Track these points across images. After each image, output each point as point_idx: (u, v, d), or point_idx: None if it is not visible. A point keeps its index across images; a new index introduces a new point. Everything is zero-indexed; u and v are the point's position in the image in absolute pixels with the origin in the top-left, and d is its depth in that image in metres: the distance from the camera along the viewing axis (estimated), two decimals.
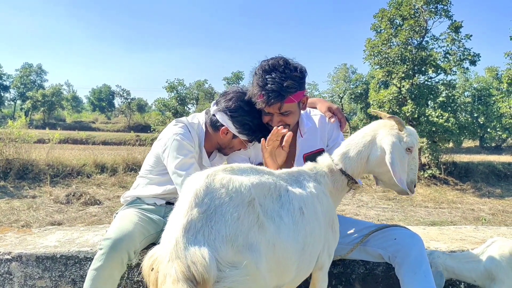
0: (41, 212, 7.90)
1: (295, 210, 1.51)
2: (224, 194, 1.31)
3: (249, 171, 1.50)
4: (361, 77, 34.02)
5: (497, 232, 2.96)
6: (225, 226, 1.25)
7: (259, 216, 1.35)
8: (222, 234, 1.24)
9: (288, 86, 1.98)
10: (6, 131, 11.28)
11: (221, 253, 1.22)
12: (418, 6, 15.23)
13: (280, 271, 1.44)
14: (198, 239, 1.22)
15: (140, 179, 2.41)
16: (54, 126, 34.08)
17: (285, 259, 1.43)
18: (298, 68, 2.06)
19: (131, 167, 11.98)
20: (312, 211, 1.59)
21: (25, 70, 57.21)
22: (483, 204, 11.61)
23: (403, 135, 1.74)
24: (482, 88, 32.00)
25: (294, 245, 1.46)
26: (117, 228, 1.97)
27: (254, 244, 1.29)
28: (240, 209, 1.31)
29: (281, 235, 1.41)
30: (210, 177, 1.35)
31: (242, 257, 1.25)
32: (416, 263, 1.89)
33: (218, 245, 1.22)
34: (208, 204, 1.28)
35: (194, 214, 1.25)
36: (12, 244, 2.38)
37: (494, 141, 32.41)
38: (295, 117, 2.11)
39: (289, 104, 2.03)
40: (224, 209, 1.28)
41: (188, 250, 1.19)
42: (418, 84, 15.16)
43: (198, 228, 1.23)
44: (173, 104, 29.21)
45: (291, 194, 1.55)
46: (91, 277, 1.85)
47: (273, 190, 1.50)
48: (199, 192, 1.29)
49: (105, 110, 62.98)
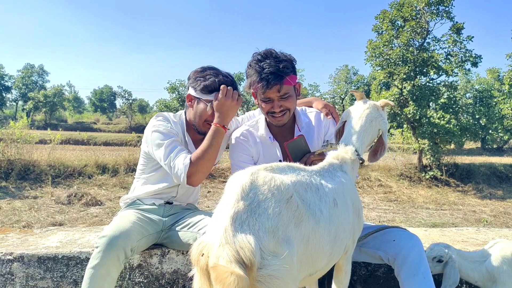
0: (42, 212, 7.91)
1: (330, 202, 1.64)
2: (267, 190, 1.43)
3: (287, 169, 1.62)
4: (363, 78, 34.04)
5: (498, 233, 2.95)
6: (267, 218, 1.37)
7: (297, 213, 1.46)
8: (265, 225, 1.35)
9: (285, 67, 2.09)
10: (8, 132, 11.30)
11: (264, 242, 1.33)
12: (420, 7, 15.21)
13: (311, 262, 1.55)
14: (244, 228, 1.33)
15: (136, 181, 2.42)
16: (55, 127, 34.08)
17: (317, 251, 1.54)
18: (287, 54, 2.17)
19: (132, 168, 11.98)
20: (343, 201, 1.72)
21: (27, 71, 57.32)
22: (484, 205, 11.59)
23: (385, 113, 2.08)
24: (484, 89, 31.97)
25: (327, 237, 1.57)
26: (114, 226, 1.99)
27: (290, 238, 1.40)
28: (281, 204, 1.43)
29: (318, 229, 1.53)
30: (254, 174, 1.48)
31: (281, 249, 1.35)
32: (415, 265, 1.89)
33: (262, 235, 1.33)
34: (253, 198, 1.40)
35: (240, 206, 1.36)
36: (14, 244, 2.39)
37: (496, 142, 32.34)
38: (293, 102, 2.18)
39: (287, 86, 2.13)
40: (267, 204, 1.40)
41: (236, 237, 1.30)
42: (420, 86, 15.12)
43: (243, 218, 1.35)
44: (175, 105, 29.22)
45: (325, 186, 1.67)
46: (89, 275, 1.86)
47: (311, 184, 1.63)
48: (245, 187, 1.41)
49: (107, 111, 63.03)
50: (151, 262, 2.28)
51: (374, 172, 14.28)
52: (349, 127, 2.00)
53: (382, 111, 2.04)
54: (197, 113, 2.25)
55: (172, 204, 2.34)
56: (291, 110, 2.19)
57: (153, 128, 2.21)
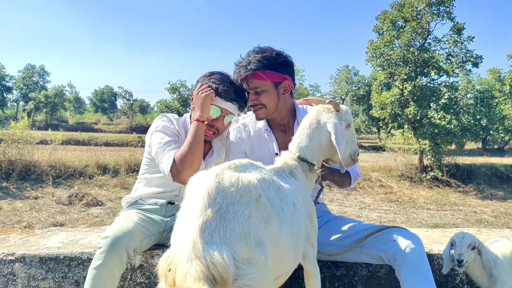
0: (43, 213, 7.92)
1: (290, 203, 1.59)
2: (235, 192, 1.36)
3: (249, 167, 1.56)
4: (363, 79, 34.06)
5: (499, 234, 2.95)
6: (238, 224, 1.29)
7: (266, 212, 1.40)
8: (236, 232, 1.28)
9: (256, 62, 2.13)
10: (9, 132, 11.31)
11: (237, 250, 1.25)
12: (420, 8, 15.21)
13: (279, 265, 1.50)
14: (215, 238, 1.24)
15: (139, 181, 2.43)
16: (56, 127, 34.13)
17: (284, 252, 1.49)
18: (276, 52, 2.20)
19: (133, 168, 11.99)
20: (299, 204, 1.68)
21: (28, 71, 57.40)
22: (485, 206, 11.57)
23: (341, 115, 1.93)
24: (485, 90, 31.94)
25: (291, 239, 1.53)
26: (116, 227, 1.99)
27: (262, 240, 1.34)
28: (251, 206, 1.36)
29: (282, 230, 1.47)
30: (219, 176, 1.39)
31: (254, 254, 1.29)
32: (415, 265, 1.89)
33: (234, 243, 1.26)
34: (221, 203, 1.31)
35: (208, 214, 1.28)
36: (16, 245, 2.39)
37: (497, 143, 32.31)
38: (270, 98, 2.20)
39: (257, 80, 2.16)
40: (236, 207, 1.33)
41: (206, 250, 1.21)
42: (421, 86, 15.12)
43: (213, 227, 1.26)
44: (175, 105, 29.25)
45: (285, 188, 1.63)
46: (91, 276, 1.86)
47: (273, 184, 1.58)
48: (211, 192, 1.33)
49: (107, 111, 63.08)
50: (153, 263, 2.28)
51: (375, 172, 14.27)
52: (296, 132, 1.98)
53: (332, 112, 1.91)
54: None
55: (174, 204, 2.34)
56: (268, 106, 2.20)
57: (155, 128, 2.23)
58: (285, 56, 2.23)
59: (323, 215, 2.34)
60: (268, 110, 2.21)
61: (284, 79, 2.21)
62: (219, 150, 2.40)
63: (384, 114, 15.88)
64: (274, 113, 2.25)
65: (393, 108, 15.39)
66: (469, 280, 2.44)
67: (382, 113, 16.01)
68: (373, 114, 17.44)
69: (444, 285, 2.43)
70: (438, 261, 2.43)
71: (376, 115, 16.63)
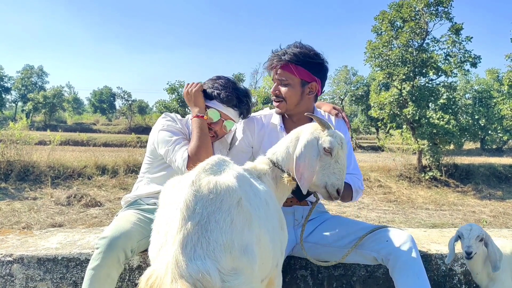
0: (42, 213, 7.90)
1: (263, 200, 1.53)
2: (215, 199, 1.28)
3: (223, 164, 1.50)
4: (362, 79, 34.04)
5: (498, 234, 2.96)
6: (221, 233, 1.22)
7: (247, 214, 1.33)
8: (220, 242, 1.21)
9: (291, 54, 2.10)
10: (8, 133, 11.29)
11: (222, 262, 1.19)
12: (419, 8, 15.23)
13: (264, 266, 1.44)
14: (198, 252, 1.18)
15: (139, 181, 2.43)
16: (55, 128, 34.09)
17: (266, 251, 1.44)
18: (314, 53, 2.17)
19: (132, 169, 11.98)
20: (271, 204, 1.61)
21: (26, 72, 57.28)
22: (484, 206, 11.59)
23: (322, 136, 1.74)
24: (483, 90, 31.98)
25: (268, 236, 1.46)
26: (114, 227, 1.99)
27: (248, 245, 1.28)
28: (232, 211, 1.28)
29: (261, 227, 1.41)
30: (195, 183, 1.30)
31: (240, 262, 1.23)
32: (408, 265, 1.89)
33: (218, 255, 1.19)
34: (201, 213, 1.24)
35: (189, 227, 1.21)
36: (14, 246, 2.39)
37: (495, 143, 32.33)
38: (293, 94, 2.17)
39: (287, 72, 2.14)
40: (217, 215, 1.25)
41: (191, 267, 1.15)
42: (419, 86, 15.14)
43: (195, 241, 1.19)
44: (174, 106, 29.20)
45: (256, 185, 1.58)
46: (89, 276, 1.86)
47: (247, 180, 1.52)
48: (189, 203, 1.25)
49: (106, 112, 62.97)
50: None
51: (373, 172, 14.28)
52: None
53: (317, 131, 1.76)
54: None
55: None
56: (288, 101, 2.18)
57: (161, 127, 2.23)
58: (322, 59, 2.20)
59: (320, 215, 2.34)
60: (288, 105, 2.20)
61: (313, 80, 2.18)
62: (220, 153, 2.40)
63: (383, 114, 15.89)
64: (293, 110, 2.22)
65: (391, 108, 15.40)
66: (467, 280, 2.44)
67: (380, 113, 16.02)
68: (371, 114, 17.45)
69: (442, 285, 2.43)
70: (436, 261, 2.43)
71: (374, 115, 16.65)
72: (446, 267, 2.43)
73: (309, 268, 2.33)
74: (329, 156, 1.73)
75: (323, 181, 1.75)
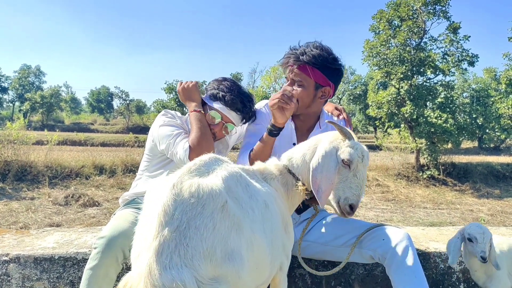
0: (39, 213, 7.88)
1: (260, 202, 1.45)
2: (196, 203, 1.20)
3: (213, 163, 1.42)
4: (360, 78, 34.11)
5: (496, 232, 2.96)
6: (201, 240, 1.15)
7: (235, 218, 1.25)
8: (199, 250, 1.14)
9: (310, 56, 2.07)
10: (5, 133, 11.26)
11: (200, 271, 1.13)
12: (417, 7, 15.26)
13: (259, 271, 1.37)
14: (174, 261, 1.11)
15: (138, 178, 2.42)
16: (52, 128, 34.00)
17: (261, 255, 1.37)
18: (333, 57, 2.13)
19: (129, 169, 11.96)
20: (273, 206, 1.54)
21: (24, 72, 57.17)
22: (482, 204, 11.62)
23: (342, 146, 1.63)
24: (481, 89, 32.06)
25: (265, 239, 1.39)
26: (112, 227, 1.98)
27: (234, 251, 1.21)
28: (215, 216, 1.20)
29: (254, 230, 1.33)
30: (176, 186, 1.23)
31: (221, 270, 1.17)
32: (405, 263, 1.89)
33: (197, 263, 1.13)
34: (180, 218, 1.16)
35: (165, 234, 1.14)
36: (10, 245, 2.37)
37: (493, 142, 32.43)
38: (305, 95, 2.13)
39: (302, 73, 2.11)
40: (198, 221, 1.18)
41: (165, 276, 1.09)
42: (417, 85, 15.17)
43: (172, 248, 1.13)
44: (172, 105, 29.21)
45: (254, 185, 1.51)
46: (87, 276, 1.85)
47: (241, 180, 1.44)
48: (167, 208, 1.17)
49: (104, 112, 62.92)
50: None
51: (371, 171, 14.30)
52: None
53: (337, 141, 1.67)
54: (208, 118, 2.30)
55: None
56: (300, 102, 2.12)
57: (161, 123, 2.23)
58: (340, 65, 2.17)
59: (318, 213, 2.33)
60: (299, 106, 2.14)
61: (327, 85, 2.15)
62: (219, 153, 2.39)
63: (381, 113, 15.92)
64: (303, 111, 2.19)
65: (389, 107, 15.43)
66: (466, 278, 2.44)
67: (378, 112, 16.04)
68: (369, 113, 17.48)
69: (441, 283, 2.43)
70: (434, 259, 2.43)
71: (372, 114, 16.67)
72: (445, 265, 2.43)
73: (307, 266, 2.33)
74: (348, 169, 1.62)
75: (337, 195, 1.63)
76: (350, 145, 1.63)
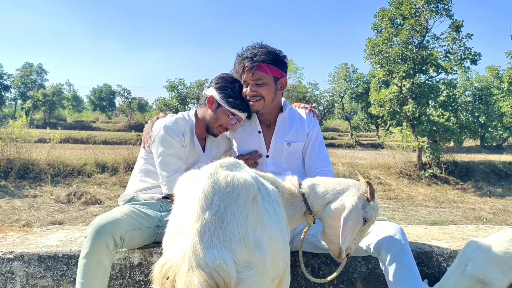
0: (42, 211, 7.91)
1: (273, 201, 1.54)
2: (232, 192, 1.30)
3: (237, 165, 1.52)
4: (362, 77, 33.98)
5: (498, 231, 2.95)
6: (237, 226, 1.24)
7: (261, 212, 1.35)
8: (236, 234, 1.23)
9: (263, 54, 2.23)
10: (7, 131, 11.30)
11: (237, 254, 1.21)
12: (419, 5, 15.20)
13: (275, 264, 1.44)
14: (214, 242, 1.19)
15: (135, 176, 2.43)
16: (55, 126, 34.05)
17: (278, 250, 1.44)
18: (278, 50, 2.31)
19: (132, 167, 11.90)
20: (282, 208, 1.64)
21: (26, 70, 57.16)
22: (484, 203, 11.60)
23: (366, 205, 1.74)
24: (483, 87, 31.93)
25: (280, 235, 1.47)
26: (101, 216, 2.03)
27: (260, 241, 1.29)
28: (248, 206, 1.30)
29: (272, 227, 1.42)
30: (213, 175, 1.32)
31: (253, 256, 1.25)
32: (398, 258, 1.91)
33: (234, 246, 1.21)
34: (218, 204, 1.26)
35: (206, 217, 1.22)
36: (14, 243, 2.39)
37: (495, 140, 32.31)
38: (269, 91, 2.30)
39: (261, 72, 2.25)
40: (234, 208, 1.27)
41: (208, 256, 1.16)
42: (419, 83, 15.13)
43: (212, 231, 1.21)
44: (174, 103, 29.22)
45: (267, 185, 1.60)
46: (81, 265, 1.89)
47: (260, 181, 1.54)
48: (208, 193, 1.27)
49: (106, 110, 62.90)
50: (151, 261, 2.28)
51: (373, 170, 14.29)
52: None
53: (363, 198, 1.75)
54: (214, 116, 2.34)
55: (168, 199, 2.35)
56: (266, 99, 2.30)
57: (162, 126, 2.25)
58: (284, 55, 2.35)
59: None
60: (265, 103, 2.31)
61: (282, 76, 2.34)
62: (210, 150, 2.48)
63: (383, 111, 15.89)
64: (269, 105, 2.34)
65: (391, 105, 15.40)
66: None
67: (380, 111, 16.02)
68: (371, 112, 17.45)
69: None
70: (437, 258, 2.43)
71: (374, 112, 16.65)
72: (447, 264, 2.43)
73: (309, 265, 2.33)
74: (363, 225, 1.75)
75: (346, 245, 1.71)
76: (374, 207, 1.76)
